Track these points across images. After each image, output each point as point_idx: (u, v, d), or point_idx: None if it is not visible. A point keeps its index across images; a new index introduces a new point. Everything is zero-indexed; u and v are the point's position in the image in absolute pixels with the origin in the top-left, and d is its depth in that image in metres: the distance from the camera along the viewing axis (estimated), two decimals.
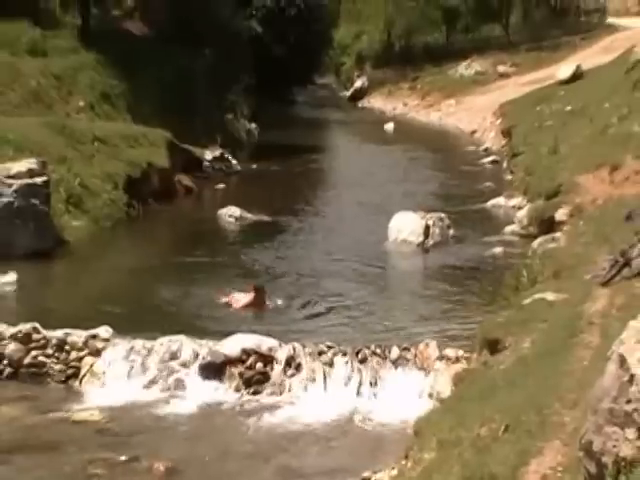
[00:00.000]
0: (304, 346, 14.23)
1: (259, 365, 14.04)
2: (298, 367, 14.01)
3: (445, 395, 12.53)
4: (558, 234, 18.61)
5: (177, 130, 31.55)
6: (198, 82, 38.78)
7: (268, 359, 14.07)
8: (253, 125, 45.67)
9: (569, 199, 21.00)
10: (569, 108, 34.17)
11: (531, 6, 64.13)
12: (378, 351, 14.05)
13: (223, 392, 13.88)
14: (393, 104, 58.50)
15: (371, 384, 13.75)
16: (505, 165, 33.73)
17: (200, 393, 13.79)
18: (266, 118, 47.05)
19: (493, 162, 35.45)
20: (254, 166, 35.02)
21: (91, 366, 14.35)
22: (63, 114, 29.62)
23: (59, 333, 14.66)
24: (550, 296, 13.08)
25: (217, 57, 42.42)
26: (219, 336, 14.73)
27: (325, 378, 13.88)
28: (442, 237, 21.84)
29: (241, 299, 16.81)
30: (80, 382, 14.28)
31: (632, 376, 5.29)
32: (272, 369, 14.01)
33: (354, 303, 17.37)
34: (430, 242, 21.60)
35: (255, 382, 13.96)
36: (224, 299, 16.96)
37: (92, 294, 17.85)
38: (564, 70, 42.42)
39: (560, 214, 20.53)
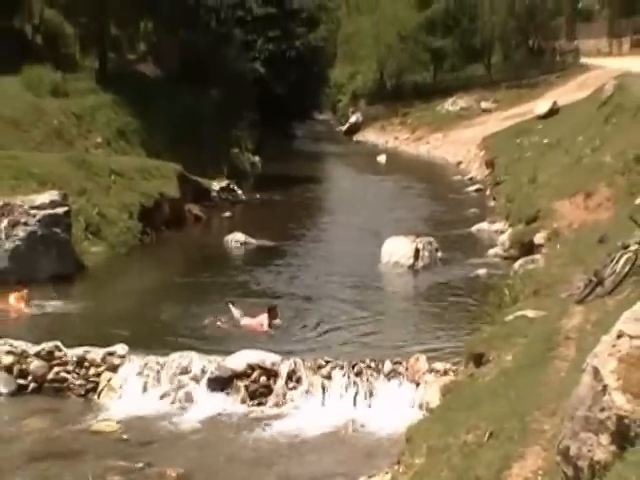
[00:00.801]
0: (304, 361, 14.21)
1: (263, 379, 14.02)
2: (299, 380, 13.99)
3: (434, 405, 12.49)
4: (537, 256, 18.63)
5: (187, 163, 31.65)
6: (206, 119, 38.98)
7: (271, 373, 14.05)
8: (257, 158, 45.84)
9: (547, 224, 21.04)
10: (546, 140, 34.26)
11: (511, 47, 64.41)
12: (372, 365, 14.02)
13: (230, 404, 13.84)
14: (385, 138, 58.66)
15: (366, 395, 13.71)
16: (488, 193, 33.77)
17: (209, 405, 13.76)
18: (269, 151, 47.24)
19: (477, 190, 35.52)
20: (258, 196, 35.10)
21: (108, 381, 14.32)
22: (82, 149, 29.75)
23: (79, 351, 14.66)
24: (530, 313, 13.07)
25: (223, 96, 42.65)
26: (226, 352, 14.71)
27: (324, 390, 13.86)
28: (431, 259, 21.86)
29: (260, 322, 16.80)
30: (98, 396, 14.26)
31: (605, 386, 5.29)
32: (275, 382, 13.99)
33: (350, 321, 17.35)
34: (420, 264, 21.61)
35: (259, 394, 13.94)
36: (242, 322, 16.88)
37: (109, 314, 17.81)
38: (542, 106, 42.52)
39: (539, 238, 20.58)
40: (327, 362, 14.16)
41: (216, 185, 33.19)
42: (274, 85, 50.39)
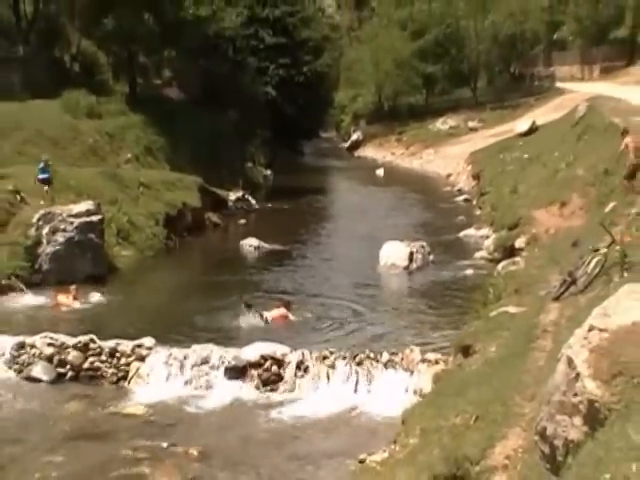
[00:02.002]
0: (311, 352, 14.23)
1: (274, 368, 14.03)
2: (306, 369, 14.00)
3: (427, 391, 12.48)
4: (518, 258, 18.60)
5: (206, 176, 31.73)
6: (224, 137, 39.06)
7: (282, 363, 14.06)
8: (269, 171, 45.90)
9: (527, 230, 21.04)
10: (526, 156, 34.23)
11: (495, 73, 64.54)
12: (372, 355, 14.03)
13: (245, 390, 13.86)
14: (383, 153, 58.63)
15: (366, 383, 13.72)
16: (475, 202, 33.73)
17: (226, 391, 13.78)
18: (279, 165, 47.30)
19: (465, 200, 35.46)
20: (270, 205, 35.14)
21: (137, 370, 14.36)
22: (114, 165, 29.87)
23: (111, 343, 14.71)
24: (512, 309, 13.06)
25: (239, 116, 42.74)
26: (241, 344, 14.73)
27: (328, 378, 13.87)
28: (424, 262, 21.86)
29: (283, 314, 16.81)
30: (128, 383, 14.30)
31: (578, 374, 5.31)
32: (285, 371, 14.00)
33: (351, 316, 17.33)
34: (414, 266, 21.62)
35: (271, 382, 13.95)
36: (266, 315, 16.85)
37: (138, 310, 17.85)
38: (522, 125, 42.47)
39: (519, 242, 20.58)
40: (331, 353, 14.17)
41: (232, 195, 33.25)
42: (284, 107, 50.28)
